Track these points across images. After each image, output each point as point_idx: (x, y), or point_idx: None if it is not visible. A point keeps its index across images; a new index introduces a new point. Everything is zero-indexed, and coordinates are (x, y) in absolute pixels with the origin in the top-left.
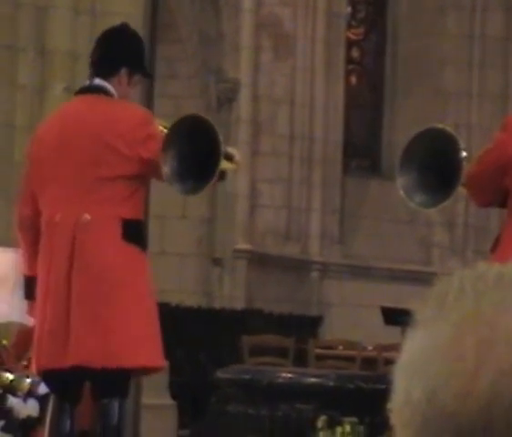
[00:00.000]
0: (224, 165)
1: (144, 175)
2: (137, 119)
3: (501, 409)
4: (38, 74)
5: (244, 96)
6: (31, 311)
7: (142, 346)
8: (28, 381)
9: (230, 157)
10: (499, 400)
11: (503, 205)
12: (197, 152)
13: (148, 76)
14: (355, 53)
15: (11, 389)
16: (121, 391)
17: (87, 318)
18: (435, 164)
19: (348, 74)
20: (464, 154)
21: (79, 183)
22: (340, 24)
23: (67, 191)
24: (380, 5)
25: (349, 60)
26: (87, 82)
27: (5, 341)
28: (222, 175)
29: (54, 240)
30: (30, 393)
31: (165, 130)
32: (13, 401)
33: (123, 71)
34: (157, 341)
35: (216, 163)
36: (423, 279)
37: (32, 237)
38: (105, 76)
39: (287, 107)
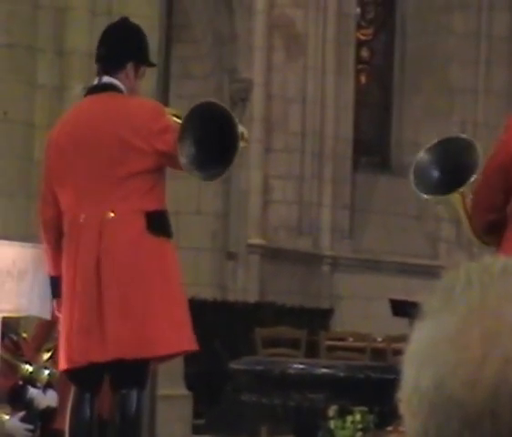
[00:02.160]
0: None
1: (162, 167)
2: (150, 113)
3: (507, 396)
4: (57, 74)
5: (257, 95)
6: (59, 308)
7: (175, 332)
8: (47, 372)
9: (241, 136)
10: (505, 387)
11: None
12: (213, 137)
13: (153, 65)
14: (365, 52)
15: (31, 380)
16: (140, 382)
17: (121, 312)
18: (451, 168)
19: (358, 73)
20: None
21: (101, 182)
22: (350, 24)
23: (89, 191)
24: (388, 5)
25: (358, 60)
26: (96, 81)
27: (24, 334)
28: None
29: (79, 241)
30: (49, 384)
31: (177, 119)
32: (33, 392)
33: (129, 65)
34: (188, 326)
35: (234, 147)
36: (430, 272)
37: (56, 237)
38: (112, 73)
39: (299, 106)
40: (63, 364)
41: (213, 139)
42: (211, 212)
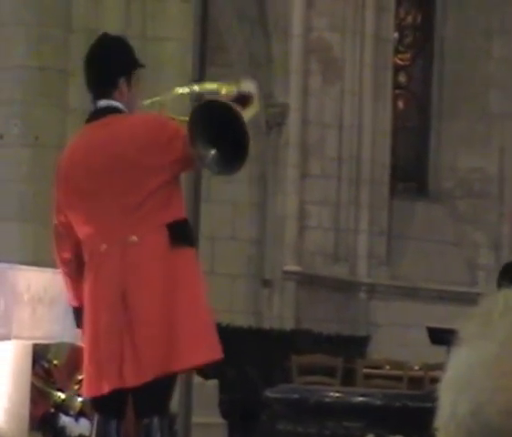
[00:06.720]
0: (248, 114)
1: (177, 175)
2: (154, 127)
3: None
4: (89, 98)
5: (293, 120)
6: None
7: (202, 343)
8: (80, 400)
9: (248, 101)
10: None
11: None
12: (222, 133)
13: (142, 66)
14: (402, 77)
15: (63, 407)
16: (161, 409)
17: (151, 331)
18: None
19: (395, 98)
20: None
21: (118, 209)
22: (387, 49)
23: (108, 220)
24: (427, 29)
25: (396, 85)
26: (93, 107)
27: (55, 361)
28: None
29: (99, 270)
30: (82, 412)
31: (182, 118)
32: (65, 420)
33: (121, 81)
34: (213, 334)
35: (244, 136)
36: (469, 299)
37: (74, 268)
38: (107, 95)
39: (335, 131)
40: (91, 391)
41: (223, 135)
42: (247, 238)
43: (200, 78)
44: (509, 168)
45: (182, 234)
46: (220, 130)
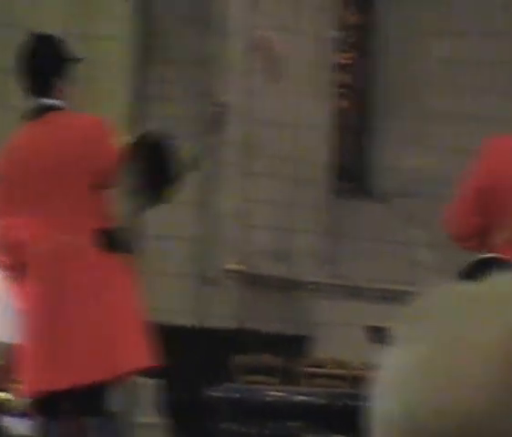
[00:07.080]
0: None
1: (103, 185)
2: (94, 135)
3: (477, 425)
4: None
5: (234, 119)
6: None
7: (134, 350)
8: (22, 400)
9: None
10: (476, 416)
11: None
12: (156, 167)
13: (79, 59)
14: (344, 76)
15: (5, 407)
16: (102, 409)
17: (84, 336)
18: None
19: (337, 96)
20: None
21: (54, 209)
22: (329, 47)
23: (46, 222)
24: (369, 28)
25: (339, 84)
26: (33, 104)
27: None
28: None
29: (39, 272)
30: (24, 412)
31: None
32: (7, 419)
33: (57, 80)
34: (145, 342)
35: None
36: (411, 299)
37: (18, 274)
38: (47, 95)
39: (277, 130)
40: (30, 392)
41: (154, 171)
42: (188, 237)
43: (141, 76)
44: (450, 168)
45: (111, 241)
46: (152, 165)
